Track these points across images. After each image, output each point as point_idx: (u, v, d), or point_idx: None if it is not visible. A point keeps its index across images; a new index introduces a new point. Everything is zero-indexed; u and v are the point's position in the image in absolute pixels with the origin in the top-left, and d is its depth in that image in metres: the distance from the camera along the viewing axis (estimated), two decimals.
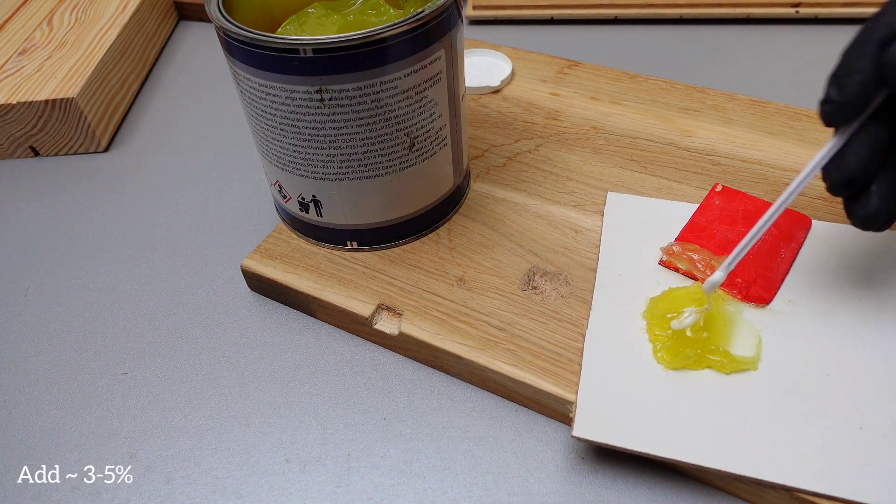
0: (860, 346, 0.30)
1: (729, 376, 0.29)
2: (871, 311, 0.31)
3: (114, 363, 0.35)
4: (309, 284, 0.35)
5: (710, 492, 0.29)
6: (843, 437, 0.27)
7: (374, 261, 0.36)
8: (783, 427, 0.27)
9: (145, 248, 0.42)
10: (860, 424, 0.27)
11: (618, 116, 0.45)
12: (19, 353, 0.36)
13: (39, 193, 0.47)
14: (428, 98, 0.32)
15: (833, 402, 0.28)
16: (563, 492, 0.29)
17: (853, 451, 0.26)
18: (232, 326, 0.37)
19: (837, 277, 0.33)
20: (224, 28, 0.30)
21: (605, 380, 0.29)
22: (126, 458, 0.31)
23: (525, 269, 0.35)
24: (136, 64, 0.56)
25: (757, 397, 0.28)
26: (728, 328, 0.30)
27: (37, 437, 0.32)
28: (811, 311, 0.31)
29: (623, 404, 0.29)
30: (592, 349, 0.31)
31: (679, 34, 0.57)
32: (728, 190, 0.37)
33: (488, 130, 0.44)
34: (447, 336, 0.32)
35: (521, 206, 0.39)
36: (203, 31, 0.64)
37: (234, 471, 0.30)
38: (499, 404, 0.32)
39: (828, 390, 0.28)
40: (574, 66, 0.49)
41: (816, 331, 0.31)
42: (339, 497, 0.29)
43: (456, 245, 0.37)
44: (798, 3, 0.57)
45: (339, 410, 0.32)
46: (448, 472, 0.30)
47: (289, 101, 0.31)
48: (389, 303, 0.34)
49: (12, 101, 0.47)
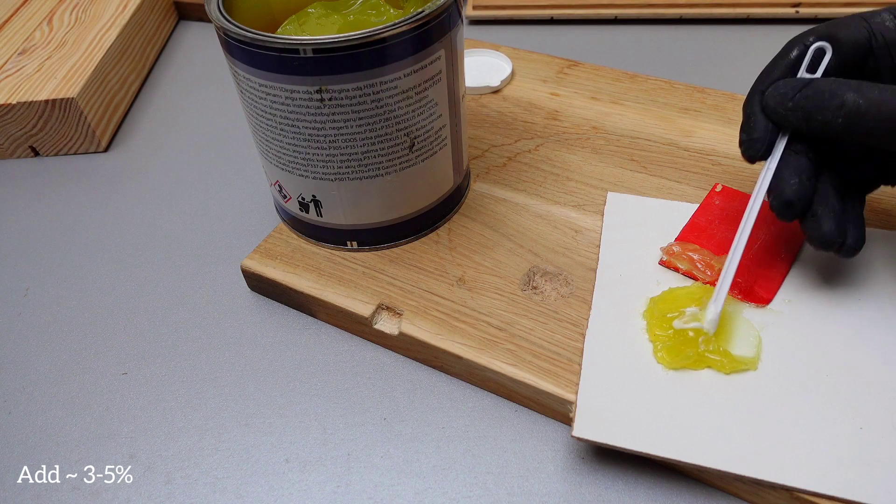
0: (860, 345, 0.30)
1: (729, 376, 0.29)
2: (871, 310, 0.31)
3: (114, 363, 0.35)
4: (309, 284, 0.35)
5: (710, 492, 0.29)
6: (843, 436, 0.27)
7: (374, 261, 0.36)
8: (783, 427, 0.27)
9: (145, 248, 0.42)
10: (860, 424, 0.27)
11: (618, 116, 0.45)
12: (19, 353, 0.36)
13: (39, 193, 0.47)
14: (428, 98, 0.32)
15: (833, 401, 0.28)
16: (563, 492, 0.29)
17: (853, 451, 0.27)
18: (232, 326, 0.37)
19: (837, 277, 0.33)
20: (224, 28, 0.30)
21: (604, 380, 0.29)
22: (126, 458, 0.31)
23: (525, 269, 0.35)
24: (136, 64, 0.56)
25: (757, 397, 0.28)
26: (728, 328, 0.30)
27: (37, 437, 0.32)
28: (811, 311, 0.32)
29: (623, 404, 0.29)
30: (592, 349, 0.31)
31: (679, 34, 0.57)
32: (728, 190, 0.37)
33: (488, 130, 0.44)
34: (447, 336, 0.32)
35: (521, 206, 0.39)
36: (203, 31, 0.64)
37: (233, 471, 0.30)
38: (499, 404, 0.32)
39: (828, 390, 0.28)
40: (574, 66, 0.49)
41: (816, 331, 0.31)
42: (339, 497, 0.29)
43: (456, 245, 0.37)
44: (798, 3, 0.57)
45: (339, 410, 0.32)
46: (448, 472, 0.30)
47: (289, 101, 0.31)
48: (389, 303, 0.34)
49: (12, 101, 0.47)
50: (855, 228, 0.29)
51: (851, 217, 0.30)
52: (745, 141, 0.30)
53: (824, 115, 0.27)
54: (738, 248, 0.30)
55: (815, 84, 0.28)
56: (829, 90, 0.27)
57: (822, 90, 0.28)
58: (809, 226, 0.29)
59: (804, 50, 0.30)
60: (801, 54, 0.30)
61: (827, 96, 0.27)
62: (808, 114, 0.28)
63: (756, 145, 0.30)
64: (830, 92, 0.27)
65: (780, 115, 0.29)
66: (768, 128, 0.30)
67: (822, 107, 0.27)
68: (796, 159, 0.29)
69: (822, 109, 0.27)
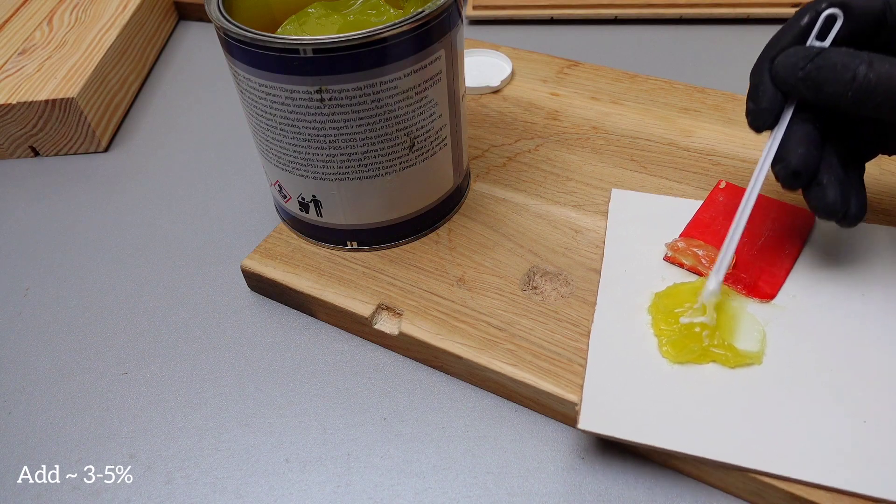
0: (864, 340, 0.30)
1: (733, 370, 0.29)
2: (875, 305, 0.31)
3: (114, 363, 0.35)
4: (309, 284, 0.35)
5: (711, 492, 0.29)
6: (847, 430, 0.27)
7: (374, 261, 0.36)
8: (787, 420, 0.27)
9: (145, 248, 0.42)
10: (864, 418, 0.27)
11: (618, 116, 0.45)
12: (19, 352, 0.36)
13: (39, 193, 0.47)
14: (428, 98, 0.32)
15: (837, 396, 0.28)
16: (563, 492, 0.29)
17: (857, 445, 0.27)
18: (232, 326, 0.37)
19: (841, 272, 0.33)
20: (224, 28, 0.30)
21: (610, 373, 0.30)
22: (126, 457, 0.31)
23: (525, 269, 0.35)
24: (136, 64, 0.56)
25: (761, 391, 0.29)
26: (733, 323, 0.31)
27: (37, 437, 0.32)
28: (815, 306, 0.32)
29: (628, 398, 0.29)
30: (597, 344, 0.31)
31: (679, 34, 0.57)
32: (731, 186, 0.37)
33: (488, 130, 0.44)
34: (447, 336, 0.32)
35: (521, 206, 0.39)
36: (203, 31, 0.64)
37: (233, 471, 0.30)
38: (499, 404, 0.32)
39: (832, 384, 0.29)
40: (574, 66, 0.49)
41: (820, 325, 0.31)
42: (339, 497, 0.29)
43: (456, 245, 0.37)
44: (798, 3, 0.57)
45: (339, 410, 0.32)
46: (448, 473, 0.30)
47: (289, 101, 0.31)
48: (389, 303, 0.34)
49: (12, 101, 0.47)
50: (857, 197, 0.29)
51: (854, 186, 0.30)
52: (752, 111, 0.30)
53: (834, 88, 0.27)
54: (743, 215, 0.30)
55: (827, 55, 0.27)
56: (840, 62, 0.27)
57: (834, 62, 0.27)
58: (814, 195, 0.29)
59: (815, 17, 0.29)
60: (812, 21, 0.29)
61: (839, 68, 0.27)
62: (818, 85, 0.27)
63: (764, 115, 0.29)
64: (843, 64, 0.27)
65: (790, 86, 0.28)
66: (777, 97, 0.29)
67: (834, 79, 0.27)
68: (802, 128, 0.29)
69: (833, 82, 0.27)
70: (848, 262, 0.33)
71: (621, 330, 0.31)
